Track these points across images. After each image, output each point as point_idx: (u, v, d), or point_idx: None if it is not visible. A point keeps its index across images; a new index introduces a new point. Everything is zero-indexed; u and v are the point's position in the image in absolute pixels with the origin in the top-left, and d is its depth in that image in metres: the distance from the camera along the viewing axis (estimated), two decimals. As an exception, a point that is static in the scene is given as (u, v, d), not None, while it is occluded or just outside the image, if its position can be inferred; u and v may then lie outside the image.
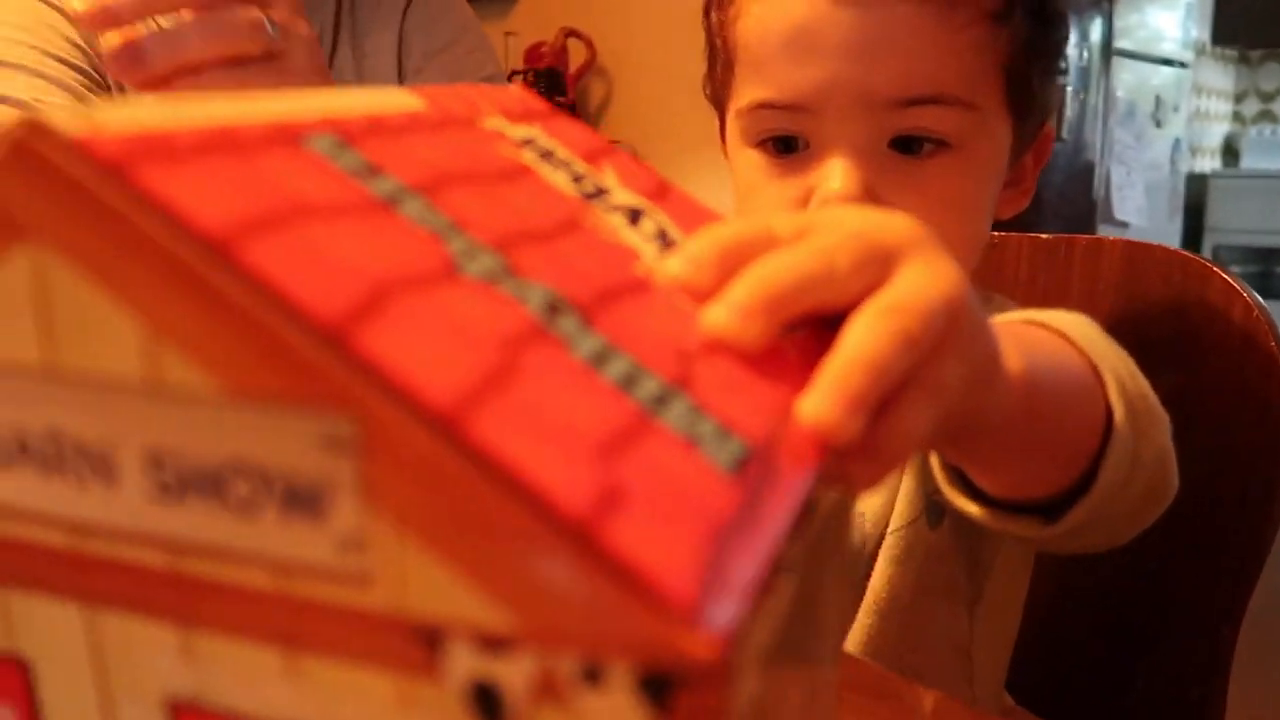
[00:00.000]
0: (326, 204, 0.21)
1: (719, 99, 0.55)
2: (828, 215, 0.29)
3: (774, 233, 0.27)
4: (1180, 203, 3.48)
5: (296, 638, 0.19)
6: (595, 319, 0.22)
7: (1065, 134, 2.37)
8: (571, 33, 2.31)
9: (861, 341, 0.24)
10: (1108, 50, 2.67)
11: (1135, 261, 0.76)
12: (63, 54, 0.79)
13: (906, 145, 0.48)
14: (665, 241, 0.28)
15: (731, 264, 0.26)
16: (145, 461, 0.19)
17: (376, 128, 0.26)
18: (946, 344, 0.26)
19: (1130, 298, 0.76)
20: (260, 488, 0.18)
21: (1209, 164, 4.42)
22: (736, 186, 0.54)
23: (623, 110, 2.36)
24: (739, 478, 0.19)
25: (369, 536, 0.17)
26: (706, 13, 0.55)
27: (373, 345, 0.18)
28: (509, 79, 2.30)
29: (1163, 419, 0.45)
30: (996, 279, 0.83)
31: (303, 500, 0.18)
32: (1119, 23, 2.79)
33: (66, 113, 0.19)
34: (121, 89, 0.83)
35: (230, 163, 0.21)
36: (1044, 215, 2.44)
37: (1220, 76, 4.27)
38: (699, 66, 0.56)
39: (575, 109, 2.32)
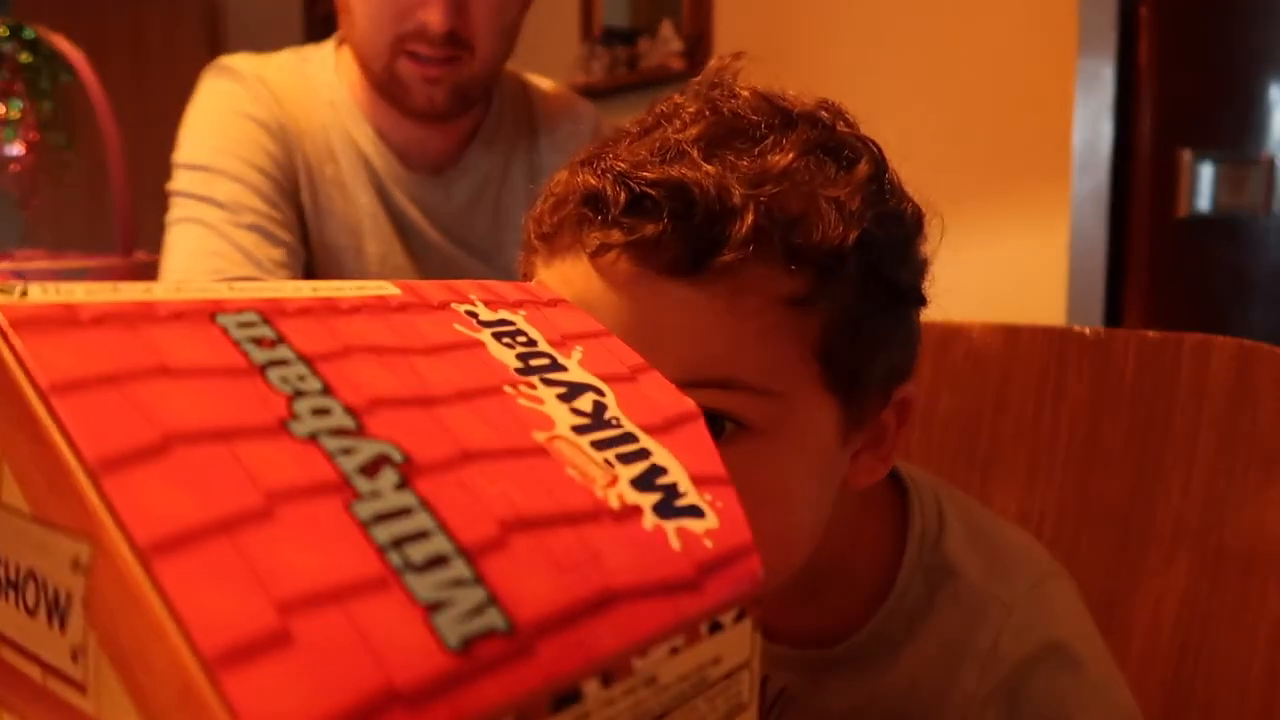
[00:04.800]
0: (181, 368, 0.24)
1: None
2: None
3: None
4: None
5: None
6: (422, 479, 0.24)
7: (1277, 207, 2.18)
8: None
9: None
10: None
11: (1247, 363, 0.71)
12: (261, 164, 0.93)
13: (710, 420, 0.41)
14: (600, 418, 0.30)
15: None
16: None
17: (321, 309, 0.28)
18: None
19: (1241, 402, 0.71)
20: (41, 596, 0.22)
21: None
22: None
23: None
24: (461, 655, 0.20)
25: (85, 650, 0.21)
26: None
27: (124, 488, 0.20)
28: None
29: None
30: (1102, 377, 0.79)
31: (60, 611, 0.22)
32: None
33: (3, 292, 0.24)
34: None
35: (110, 333, 0.24)
36: (1253, 299, 2.23)
37: None
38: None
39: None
